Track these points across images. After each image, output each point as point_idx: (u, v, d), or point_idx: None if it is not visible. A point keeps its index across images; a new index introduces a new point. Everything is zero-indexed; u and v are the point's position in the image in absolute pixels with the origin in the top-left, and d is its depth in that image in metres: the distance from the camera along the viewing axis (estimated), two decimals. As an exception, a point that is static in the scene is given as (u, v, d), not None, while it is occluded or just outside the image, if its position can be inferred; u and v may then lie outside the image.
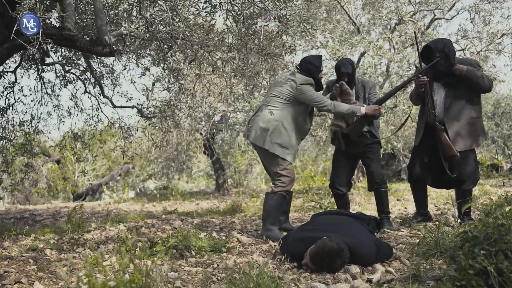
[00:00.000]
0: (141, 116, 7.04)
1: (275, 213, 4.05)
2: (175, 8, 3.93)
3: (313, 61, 4.21)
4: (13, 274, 2.71)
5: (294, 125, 4.12)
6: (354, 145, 4.31)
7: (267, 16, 4.09)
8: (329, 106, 4.08)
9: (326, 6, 8.33)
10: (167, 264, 2.97)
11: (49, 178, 13.74)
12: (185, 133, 10.32)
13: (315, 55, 4.41)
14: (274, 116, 4.05)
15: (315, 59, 4.25)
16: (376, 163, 4.33)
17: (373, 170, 4.31)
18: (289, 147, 4.07)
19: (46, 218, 6.54)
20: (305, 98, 4.05)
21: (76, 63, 7.04)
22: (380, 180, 4.31)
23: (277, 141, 4.03)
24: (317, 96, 4.09)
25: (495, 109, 12.34)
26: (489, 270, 1.96)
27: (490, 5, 8.64)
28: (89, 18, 5.40)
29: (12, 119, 7.03)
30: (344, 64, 4.30)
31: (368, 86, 4.40)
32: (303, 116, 4.17)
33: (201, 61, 4.42)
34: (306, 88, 4.03)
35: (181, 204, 8.72)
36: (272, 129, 4.04)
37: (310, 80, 4.09)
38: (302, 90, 4.02)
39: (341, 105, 4.12)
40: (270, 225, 4.01)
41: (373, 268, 2.91)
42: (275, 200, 4.05)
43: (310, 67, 4.16)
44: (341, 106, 4.12)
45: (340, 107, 4.11)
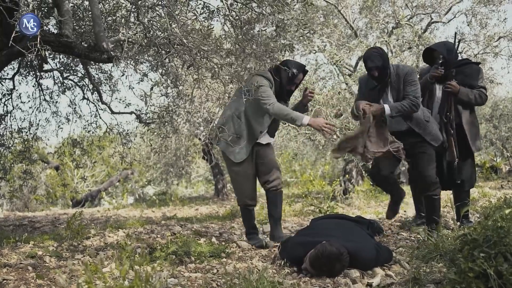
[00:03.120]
0: (140, 122, 7.04)
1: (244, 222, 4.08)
2: (173, 14, 3.94)
3: (291, 66, 3.84)
4: (12, 281, 2.70)
5: (248, 119, 3.84)
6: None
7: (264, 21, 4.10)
8: (267, 106, 3.65)
9: (324, 10, 8.36)
10: (166, 270, 2.96)
11: (48, 185, 13.70)
12: (183, 139, 10.32)
13: (298, 63, 4.00)
14: (229, 106, 3.90)
15: (295, 66, 3.88)
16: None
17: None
18: (234, 144, 3.80)
19: (45, 225, 6.51)
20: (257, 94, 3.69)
21: (74, 69, 7.05)
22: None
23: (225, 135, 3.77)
24: (264, 91, 3.69)
25: (493, 111, 12.36)
26: (488, 273, 1.96)
27: (487, 8, 8.68)
28: (87, 25, 5.41)
29: (10, 126, 7.02)
30: (370, 57, 3.65)
31: (403, 73, 3.72)
32: (260, 113, 3.83)
33: (199, 66, 4.42)
34: (263, 82, 3.72)
35: (180, 210, 8.70)
36: (225, 120, 3.86)
37: (267, 74, 3.79)
38: (253, 80, 3.70)
39: (283, 109, 3.67)
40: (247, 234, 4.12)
41: (373, 272, 2.91)
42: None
43: (282, 73, 3.82)
44: (282, 110, 3.66)
45: (281, 110, 3.65)
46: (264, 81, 3.75)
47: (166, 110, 6.37)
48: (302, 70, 3.95)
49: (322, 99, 6.32)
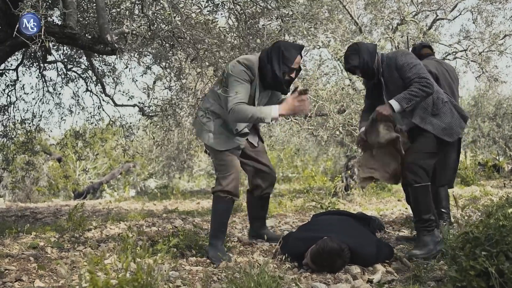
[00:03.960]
0: (143, 115, 7.05)
1: (216, 224, 3.26)
2: (177, 7, 3.93)
3: (285, 50, 3.07)
4: (14, 272, 2.71)
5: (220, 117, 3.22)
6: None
7: (269, 15, 4.09)
8: (229, 108, 2.98)
9: (328, 5, 8.32)
10: (167, 263, 2.97)
11: (50, 176, 13.75)
12: (186, 132, 10.31)
13: (291, 43, 3.24)
14: (208, 95, 3.33)
15: (288, 48, 3.08)
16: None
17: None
18: (215, 132, 3.19)
19: (47, 216, 6.54)
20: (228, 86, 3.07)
21: (77, 61, 7.05)
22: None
23: (204, 122, 3.22)
24: (234, 88, 3.00)
25: (497, 110, 12.33)
26: (490, 271, 1.96)
27: (493, 5, 8.63)
28: (91, 16, 5.40)
29: (13, 117, 7.04)
30: (346, 58, 3.27)
31: (394, 61, 3.17)
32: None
33: (202, 60, 4.42)
34: (235, 71, 3.04)
35: (182, 203, 8.71)
36: (203, 108, 3.28)
37: (250, 61, 3.07)
38: (229, 74, 3.07)
39: (245, 111, 2.94)
40: (212, 239, 3.25)
41: (374, 268, 2.91)
42: (214, 205, 3.28)
43: (273, 58, 3.06)
44: (244, 113, 2.94)
45: (242, 113, 2.95)
46: (240, 69, 3.04)
47: (169, 103, 6.37)
48: (297, 51, 3.14)
49: (325, 95, 6.29)
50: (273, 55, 3.07)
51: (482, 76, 9.00)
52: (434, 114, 3.19)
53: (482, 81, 9.36)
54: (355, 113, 6.36)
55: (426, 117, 3.20)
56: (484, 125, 12.74)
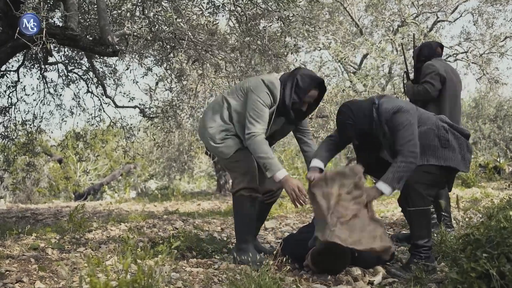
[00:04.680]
0: (143, 116, 7.06)
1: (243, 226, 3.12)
2: (179, 8, 3.94)
3: (301, 79, 2.94)
4: (15, 273, 2.71)
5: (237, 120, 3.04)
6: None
7: (270, 17, 4.09)
8: (250, 133, 2.88)
9: (329, 7, 8.34)
10: (168, 264, 2.97)
11: (51, 178, 13.76)
12: (187, 134, 10.33)
13: (311, 75, 3.01)
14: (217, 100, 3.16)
15: (304, 79, 2.94)
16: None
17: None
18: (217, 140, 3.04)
19: (47, 217, 6.54)
20: (247, 103, 2.95)
21: (79, 62, 7.07)
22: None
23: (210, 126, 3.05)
24: (257, 110, 2.88)
25: (498, 111, 12.34)
26: (491, 273, 1.96)
27: (493, 7, 8.65)
28: (92, 18, 5.41)
29: (14, 118, 7.05)
30: (339, 131, 2.98)
31: (384, 118, 2.82)
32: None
33: (204, 62, 4.42)
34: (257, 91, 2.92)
35: (182, 205, 8.71)
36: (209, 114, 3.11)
37: (273, 84, 2.95)
38: (249, 89, 2.96)
39: (261, 148, 2.85)
40: (241, 243, 3.09)
41: (375, 270, 2.90)
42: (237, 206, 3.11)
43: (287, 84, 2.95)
44: (259, 148, 2.85)
45: (258, 148, 2.85)
46: (263, 90, 2.92)
47: (170, 105, 6.38)
48: (314, 84, 2.96)
49: (326, 97, 6.30)
50: (288, 82, 2.95)
51: (483, 78, 9.01)
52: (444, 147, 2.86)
53: (483, 83, 9.37)
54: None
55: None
56: (485, 127, 12.74)
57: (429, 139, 2.83)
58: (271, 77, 3.01)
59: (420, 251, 2.78)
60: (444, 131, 2.84)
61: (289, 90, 2.93)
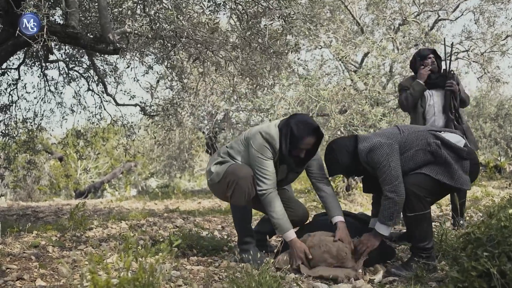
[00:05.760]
0: (144, 114, 7.06)
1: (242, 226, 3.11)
2: (179, 6, 3.93)
3: (296, 128, 2.89)
4: (15, 270, 2.71)
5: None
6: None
7: (271, 15, 4.09)
8: (259, 191, 2.91)
9: (330, 6, 8.33)
10: (169, 262, 2.97)
11: (52, 176, 13.77)
12: (187, 132, 10.34)
13: (306, 122, 2.92)
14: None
15: (300, 127, 2.89)
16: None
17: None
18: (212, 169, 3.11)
19: (48, 215, 6.54)
20: (250, 158, 2.99)
21: (79, 60, 7.07)
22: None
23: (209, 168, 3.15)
24: (262, 166, 2.91)
25: (499, 110, 12.33)
26: (492, 272, 1.96)
27: (495, 6, 8.63)
28: (93, 16, 5.41)
29: (15, 116, 7.06)
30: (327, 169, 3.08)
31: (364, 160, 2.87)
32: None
33: (204, 60, 4.42)
34: (256, 145, 2.95)
35: (183, 203, 8.72)
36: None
37: (272, 137, 2.94)
38: (250, 145, 2.99)
39: (273, 206, 2.90)
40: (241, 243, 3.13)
41: (375, 268, 2.90)
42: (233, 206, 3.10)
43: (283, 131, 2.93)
44: (271, 206, 2.90)
45: (270, 205, 2.90)
46: (262, 144, 2.94)
47: (171, 103, 6.38)
48: (309, 132, 2.90)
49: (327, 95, 6.30)
50: (283, 130, 2.93)
51: (484, 77, 9.00)
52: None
53: (484, 82, 9.36)
54: (357, 113, 6.35)
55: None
56: (485, 125, 12.73)
57: (420, 159, 2.79)
58: (269, 128, 2.99)
59: (421, 251, 2.78)
60: (436, 147, 2.77)
61: (284, 139, 2.91)
